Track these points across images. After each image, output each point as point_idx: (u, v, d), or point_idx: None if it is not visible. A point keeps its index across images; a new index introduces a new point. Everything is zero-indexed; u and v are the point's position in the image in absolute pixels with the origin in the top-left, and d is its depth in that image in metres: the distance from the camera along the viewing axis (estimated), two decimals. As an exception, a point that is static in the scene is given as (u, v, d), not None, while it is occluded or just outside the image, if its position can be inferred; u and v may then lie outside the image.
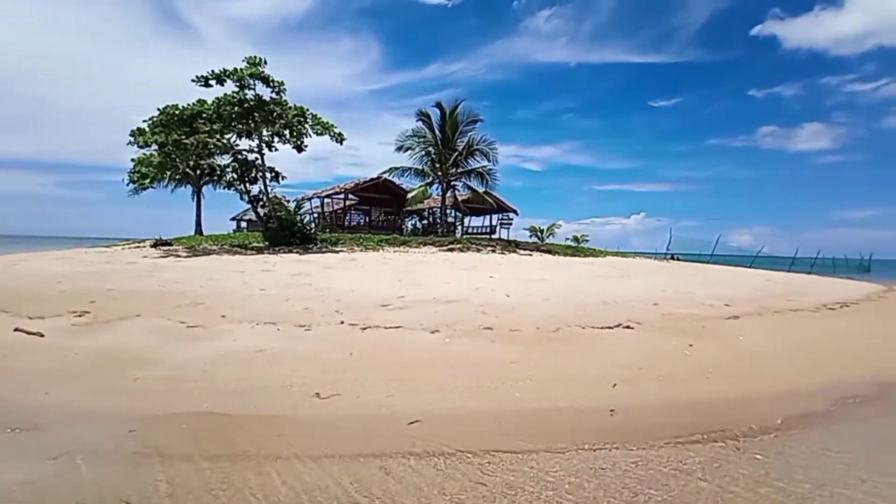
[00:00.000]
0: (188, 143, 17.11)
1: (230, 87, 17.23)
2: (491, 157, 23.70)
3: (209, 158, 20.93)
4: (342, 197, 27.59)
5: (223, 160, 21.24)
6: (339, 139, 19.07)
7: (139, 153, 22.78)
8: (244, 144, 18.97)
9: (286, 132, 18.28)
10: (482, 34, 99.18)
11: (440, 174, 23.70)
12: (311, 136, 18.79)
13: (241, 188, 20.09)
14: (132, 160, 23.62)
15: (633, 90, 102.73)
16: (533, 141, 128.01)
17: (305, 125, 18.41)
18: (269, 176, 19.74)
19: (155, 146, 18.26)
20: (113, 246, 18.13)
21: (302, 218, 19.76)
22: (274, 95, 17.77)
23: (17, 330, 5.01)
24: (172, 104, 16.65)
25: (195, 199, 25.73)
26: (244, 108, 17.06)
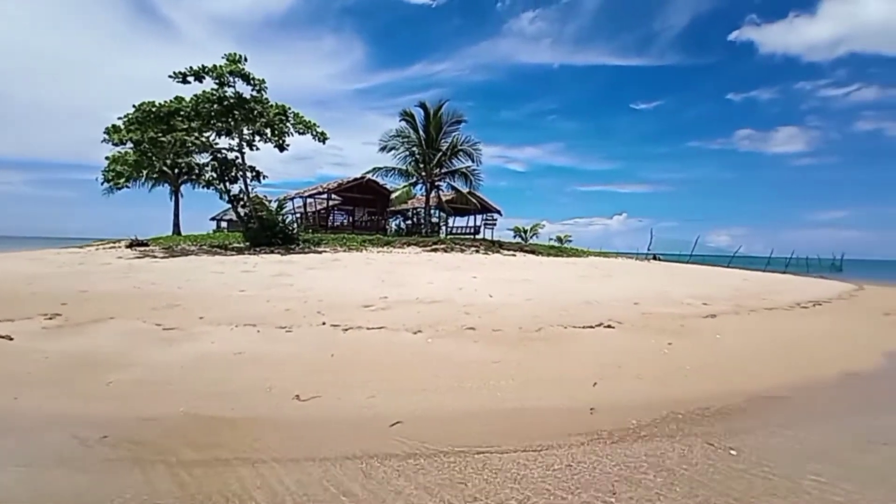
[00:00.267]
0: (165, 141, 16.68)
1: (209, 84, 16.86)
2: (475, 157, 23.91)
3: (187, 157, 20.37)
4: (325, 197, 27.33)
5: (202, 159, 20.69)
6: (321, 138, 18.86)
7: (114, 151, 22.04)
8: (224, 143, 18.60)
9: (267, 131, 17.99)
10: (467, 35, 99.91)
11: (424, 174, 23.70)
12: (293, 134, 18.55)
13: (220, 187, 19.70)
14: (106, 158, 22.84)
15: (615, 92, 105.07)
16: (517, 142, 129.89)
17: (287, 124, 18.14)
18: (249, 175, 19.39)
19: (130, 144, 17.72)
20: (87, 246, 17.61)
21: (284, 218, 19.52)
22: (255, 93, 17.48)
23: (-18, 333, 4.81)
24: (149, 101, 16.20)
25: (173, 198, 25.18)
26: (224, 105, 16.71)
